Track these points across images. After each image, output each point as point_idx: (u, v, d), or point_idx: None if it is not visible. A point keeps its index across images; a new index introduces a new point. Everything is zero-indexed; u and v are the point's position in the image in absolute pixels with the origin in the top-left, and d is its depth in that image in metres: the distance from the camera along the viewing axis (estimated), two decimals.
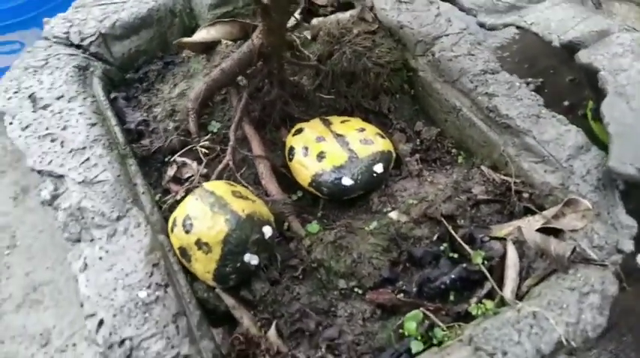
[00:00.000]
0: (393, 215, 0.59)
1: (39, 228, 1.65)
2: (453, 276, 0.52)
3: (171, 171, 0.62)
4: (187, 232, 0.49)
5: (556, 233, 0.53)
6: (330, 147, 0.62)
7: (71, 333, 1.44)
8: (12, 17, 1.29)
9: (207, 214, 0.48)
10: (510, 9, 0.72)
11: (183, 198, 0.60)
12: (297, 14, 0.75)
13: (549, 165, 0.57)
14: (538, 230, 0.53)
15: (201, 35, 0.72)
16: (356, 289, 0.53)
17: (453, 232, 0.55)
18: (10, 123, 0.61)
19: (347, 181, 0.60)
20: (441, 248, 0.55)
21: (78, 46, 0.71)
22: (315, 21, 0.75)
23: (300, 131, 0.65)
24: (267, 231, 0.50)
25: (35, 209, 1.67)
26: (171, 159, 0.63)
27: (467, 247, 0.53)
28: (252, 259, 0.49)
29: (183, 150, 0.63)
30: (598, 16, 0.70)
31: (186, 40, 0.71)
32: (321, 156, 0.61)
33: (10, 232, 1.66)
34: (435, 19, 0.71)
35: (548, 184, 0.56)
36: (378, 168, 0.61)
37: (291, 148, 0.64)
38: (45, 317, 1.50)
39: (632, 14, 0.80)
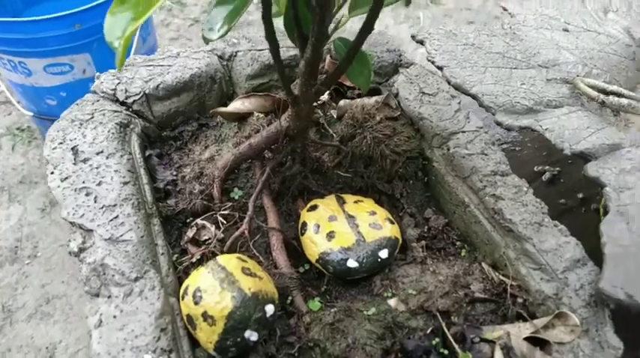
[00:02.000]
0: (392, 302, 0.62)
1: (61, 241, 1.72)
2: None
3: (190, 233, 0.67)
4: (196, 303, 0.53)
5: (543, 343, 0.55)
6: (341, 228, 0.66)
7: (76, 350, 1.49)
8: (64, 43, 1.40)
9: (216, 289, 0.52)
10: (528, 111, 0.76)
11: (198, 261, 0.64)
12: (325, 95, 0.80)
13: (546, 274, 0.60)
14: (526, 338, 0.56)
15: (236, 106, 0.77)
16: None
17: (445, 329, 0.58)
18: (52, 173, 0.66)
19: (352, 263, 0.63)
20: (434, 342, 0.58)
21: (122, 103, 0.77)
22: (342, 102, 0.80)
23: (314, 207, 0.69)
24: (270, 309, 0.54)
25: (60, 223, 1.74)
26: (193, 222, 0.67)
27: (457, 347, 0.56)
28: (252, 335, 0.52)
29: (205, 216, 0.68)
30: (612, 129, 0.73)
31: (221, 109, 0.77)
32: (330, 235, 0.65)
33: (34, 242, 1.74)
34: (454, 115, 0.75)
35: (542, 293, 0.59)
36: (384, 253, 0.65)
37: (304, 223, 0.68)
38: (53, 331, 1.56)
39: None
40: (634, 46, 0.95)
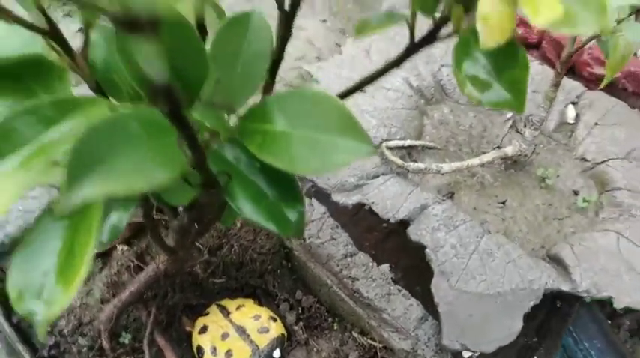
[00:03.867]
0: None
1: None
2: None
3: None
4: None
5: None
6: (235, 343, 0.75)
7: None
8: None
9: None
10: (355, 188, 0.92)
11: None
12: None
13: (402, 334, 0.77)
14: None
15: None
16: None
17: None
18: None
19: None
20: None
21: None
22: None
23: (205, 329, 0.76)
24: None
25: None
26: None
27: None
28: None
29: None
30: (418, 190, 0.93)
31: None
32: (228, 353, 0.73)
33: None
34: None
35: (403, 350, 0.76)
36: (277, 353, 0.75)
37: (200, 348, 0.74)
38: None
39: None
40: (414, 95, 1.17)
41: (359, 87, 0.53)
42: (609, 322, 1.33)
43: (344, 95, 0.55)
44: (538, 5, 0.32)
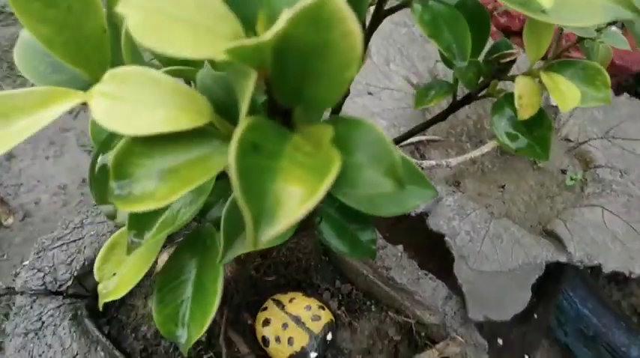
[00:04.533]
0: None
1: None
2: None
3: None
4: None
5: None
6: (294, 332, 0.88)
7: None
8: None
9: None
10: None
11: None
12: None
13: (432, 311, 0.92)
14: None
15: (164, 258, 0.89)
16: None
17: None
18: None
19: (313, 354, 0.87)
20: None
21: (57, 293, 0.83)
22: None
23: (267, 322, 0.89)
24: None
25: None
26: None
27: None
28: None
29: None
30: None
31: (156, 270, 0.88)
32: (290, 340, 0.87)
33: None
34: None
35: (434, 324, 0.91)
36: (329, 336, 0.89)
37: (264, 338, 0.88)
38: None
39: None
40: (415, 92, 1.29)
41: (406, 138, 0.65)
42: (589, 271, 1.52)
43: (397, 142, 0.67)
44: (564, 95, 0.45)
